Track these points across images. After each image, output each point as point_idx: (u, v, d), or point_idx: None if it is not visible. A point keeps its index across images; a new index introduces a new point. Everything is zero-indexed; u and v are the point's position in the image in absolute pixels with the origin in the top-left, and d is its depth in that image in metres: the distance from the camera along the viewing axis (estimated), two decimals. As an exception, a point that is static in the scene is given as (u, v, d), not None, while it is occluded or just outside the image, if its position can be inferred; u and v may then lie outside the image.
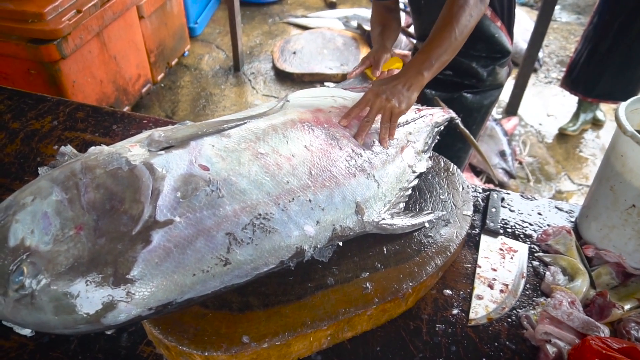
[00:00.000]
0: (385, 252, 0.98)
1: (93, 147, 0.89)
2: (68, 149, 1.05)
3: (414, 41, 1.84)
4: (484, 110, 1.64)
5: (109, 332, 0.90)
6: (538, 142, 3.28)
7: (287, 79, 3.77)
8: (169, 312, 0.77)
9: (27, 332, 0.88)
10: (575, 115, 3.31)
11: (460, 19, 1.13)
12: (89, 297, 0.70)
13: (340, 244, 0.93)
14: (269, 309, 0.85)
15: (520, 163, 3.09)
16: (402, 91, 1.07)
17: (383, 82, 1.09)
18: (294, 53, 3.90)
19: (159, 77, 3.53)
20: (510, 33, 1.55)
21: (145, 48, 3.24)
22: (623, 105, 1.05)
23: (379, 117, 1.09)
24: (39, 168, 1.05)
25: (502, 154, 2.97)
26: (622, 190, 1.03)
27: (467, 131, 1.40)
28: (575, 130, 3.28)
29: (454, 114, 1.36)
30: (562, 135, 3.32)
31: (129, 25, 3.00)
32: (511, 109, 3.45)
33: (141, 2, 3.04)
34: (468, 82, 1.58)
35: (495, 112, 3.46)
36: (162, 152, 0.85)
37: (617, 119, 1.01)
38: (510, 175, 2.94)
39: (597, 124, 3.37)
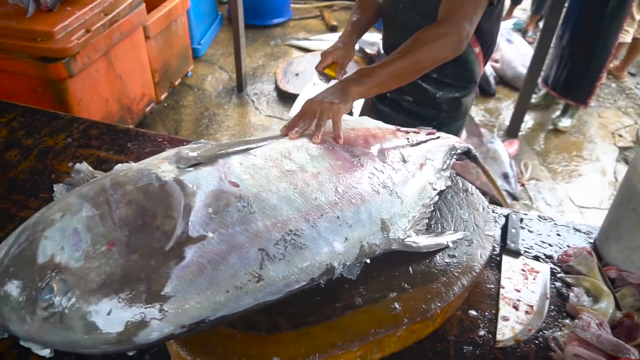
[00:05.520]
0: (412, 271, 0.97)
1: (120, 165, 0.88)
2: (83, 166, 1.04)
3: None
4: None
5: (130, 353, 0.87)
6: (540, 164, 3.31)
7: (290, 100, 3.80)
8: (200, 331, 0.75)
9: (46, 352, 0.84)
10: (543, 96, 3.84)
11: (419, 52, 1.17)
12: (121, 314, 0.68)
13: (368, 261, 0.92)
14: (298, 329, 0.84)
15: (523, 185, 3.11)
16: (334, 92, 1.10)
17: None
18: (297, 75, 3.94)
19: (163, 97, 3.55)
20: (484, 61, 1.52)
21: (150, 68, 3.26)
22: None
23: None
24: (54, 185, 1.04)
25: (505, 176, 2.99)
26: (645, 211, 1.03)
27: (484, 165, 1.42)
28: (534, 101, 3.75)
29: (470, 147, 1.37)
30: (565, 159, 3.36)
31: (136, 45, 3.03)
32: (512, 132, 3.50)
33: (148, 22, 3.07)
34: (429, 113, 1.57)
35: (497, 134, 3.50)
36: (191, 169, 0.85)
37: (638, 141, 1.02)
38: (514, 198, 2.95)
39: (559, 130, 3.60)
